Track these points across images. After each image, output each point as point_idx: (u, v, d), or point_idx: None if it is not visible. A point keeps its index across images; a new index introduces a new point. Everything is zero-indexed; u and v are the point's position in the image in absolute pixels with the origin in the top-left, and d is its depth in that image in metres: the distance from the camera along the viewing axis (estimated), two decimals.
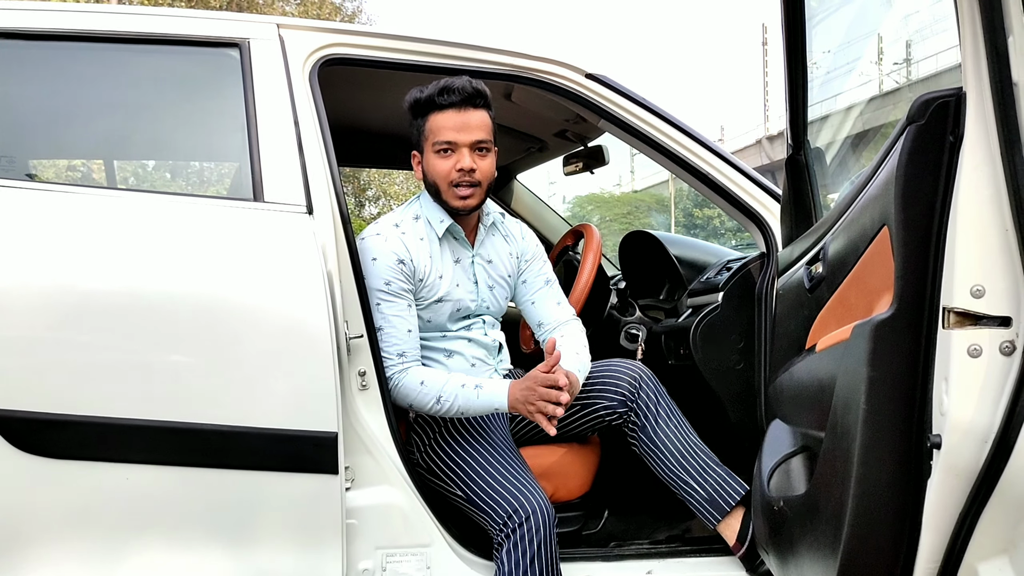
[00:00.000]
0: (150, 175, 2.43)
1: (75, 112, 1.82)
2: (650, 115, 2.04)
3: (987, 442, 1.11)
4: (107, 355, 1.54)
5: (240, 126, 1.75)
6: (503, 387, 1.75)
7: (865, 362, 1.20)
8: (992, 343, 1.10)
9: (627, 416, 1.93)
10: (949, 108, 1.14)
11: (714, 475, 1.88)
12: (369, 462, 1.74)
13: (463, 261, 1.92)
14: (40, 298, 1.52)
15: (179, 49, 1.80)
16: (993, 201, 1.09)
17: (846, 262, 1.40)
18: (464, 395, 1.76)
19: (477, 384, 1.77)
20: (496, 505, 1.71)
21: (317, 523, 1.63)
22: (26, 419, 1.50)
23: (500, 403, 1.74)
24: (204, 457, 1.58)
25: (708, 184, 2.07)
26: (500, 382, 1.77)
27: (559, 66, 2.01)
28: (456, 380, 1.78)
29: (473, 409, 1.77)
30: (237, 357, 1.59)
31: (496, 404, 1.75)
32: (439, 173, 1.82)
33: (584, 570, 1.87)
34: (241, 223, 1.67)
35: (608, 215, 29.27)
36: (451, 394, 1.76)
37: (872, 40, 2.39)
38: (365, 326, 1.74)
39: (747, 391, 2.08)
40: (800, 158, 1.86)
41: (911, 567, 1.23)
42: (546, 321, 2.03)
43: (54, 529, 1.54)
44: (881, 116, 2.13)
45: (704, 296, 2.20)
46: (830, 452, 1.34)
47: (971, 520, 1.15)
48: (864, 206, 1.33)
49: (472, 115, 1.80)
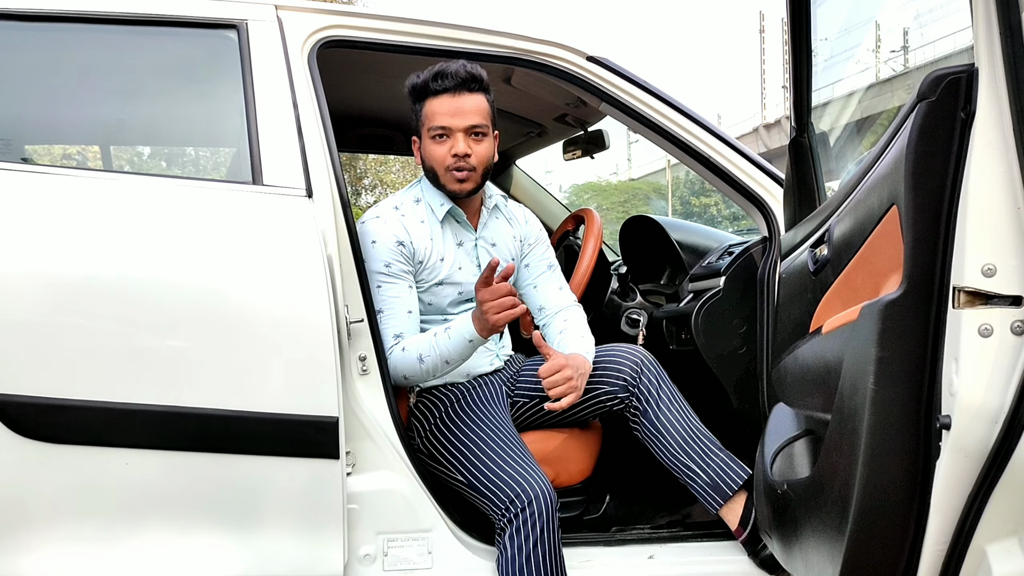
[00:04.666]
0: (147, 159, 2.40)
1: (69, 95, 1.80)
2: (652, 98, 2.02)
3: (997, 422, 1.10)
4: (106, 339, 1.52)
5: (239, 108, 1.73)
6: (466, 319, 1.74)
7: (874, 343, 1.19)
8: (1003, 323, 1.09)
9: (629, 401, 1.92)
10: (961, 84, 1.12)
11: (716, 460, 1.88)
12: (370, 447, 1.73)
13: (466, 244, 1.91)
14: (39, 282, 1.50)
15: (176, 31, 1.77)
16: (1005, 179, 1.08)
17: (852, 243, 1.39)
18: (438, 343, 1.75)
19: (446, 328, 1.76)
20: (498, 490, 1.70)
21: (318, 508, 1.62)
22: (25, 404, 1.48)
23: (469, 331, 1.73)
24: (204, 442, 1.57)
25: (710, 167, 2.05)
26: (463, 316, 1.76)
27: (560, 48, 1.99)
28: (427, 335, 1.78)
29: (453, 352, 1.75)
30: (236, 341, 1.57)
31: (467, 335, 1.73)
32: (435, 158, 1.81)
33: (586, 555, 1.86)
34: (240, 206, 1.65)
35: (605, 203, 29.28)
36: (428, 348, 1.75)
37: (882, 22, 2.37)
38: (365, 310, 1.73)
39: (749, 376, 2.07)
40: (804, 140, 1.84)
41: (919, 549, 1.22)
42: (548, 306, 2.02)
43: (54, 514, 1.53)
44: (882, 103, 2.12)
45: (706, 281, 2.19)
46: (836, 434, 1.33)
47: (980, 501, 1.14)
48: (872, 186, 1.31)
49: (467, 100, 1.79)
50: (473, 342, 1.74)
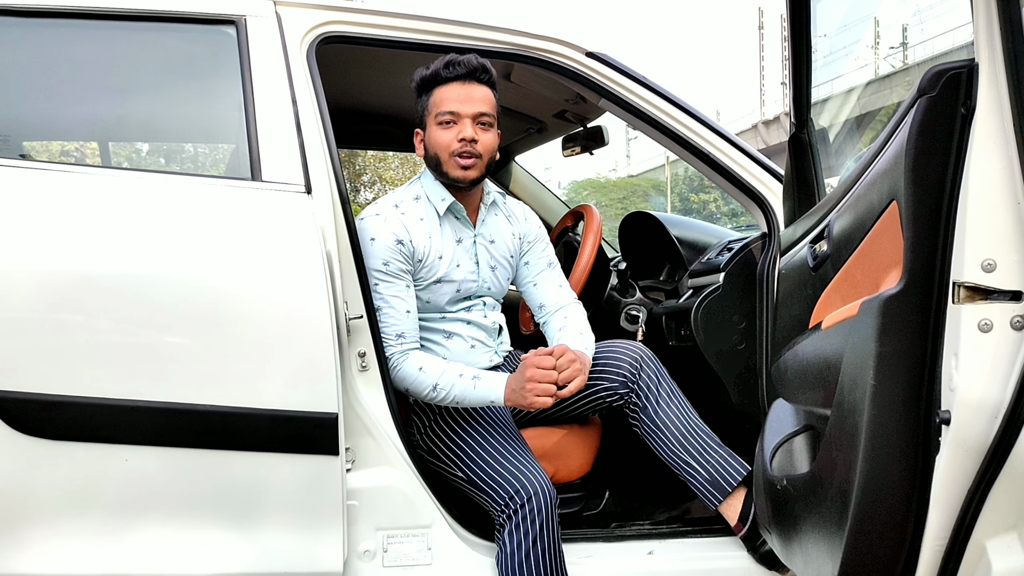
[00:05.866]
0: (146, 156, 2.40)
1: (68, 92, 1.79)
2: (652, 94, 2.01)
3: (997, 417, 1.10)
4: (105, 336, 1.52)
5: (237, 104, 1.72)
6: (500, 381, 1.74)
7: (873, 338, 1.19)
8: (1003, 318, 1.09)
9: (628, 397, 1.92)
10: (961, 79, 1.12)
11: (715, 456, 1.88)
12: (369, 443, 1.73)
13: (464, 241, 1.91)
14: (39, 279, 1.50)
15: (174, 26, 1.77)
16: (1005, 174, 1.08)
17: (852, 239, 1.39)
18: (461, 385, 1.74)
19: (475, 375, 1.76)
20: (497, 486, 1.70)
21: (318, 504, 1.62)
22: (25, 400, 1.48)
23: (496, 397, 1.74)
24: (203, 438, 1.57)
25: (709, 164, 2.05)
26: (498, 376, 1.75)
27: (560, 44, 1.99)
28: (454, 369, 1.77)
29: (469, 400, 1.76)
30: (236, 338, 1.57)
31: (492, 398, 1.74)
32: (440, 143, 1.81)
33: (585, 551, 1.86)
34: (239, 203, 1.65)
35: (604, 200, 29.26)
36: (448, 383, 1.75)
37: (881, 18, 2.38)
38: (365, 307, 1.73)
39: (748, 372, 2.07)
40: (803, 136, 1.84)
41: (918, 544, 1.22)
42: (547, 303, 2.02)
43: (54, 510, 1.53)
44: (881, 100, 2.12)
45: (705, 277, 2.19)
46: (836, 429, 1.33)
47: (980, 496, 1.14)
48: (872, 182, 1.31)
49: (476, 89, 1.80)
50: (494, 402, 1.75)
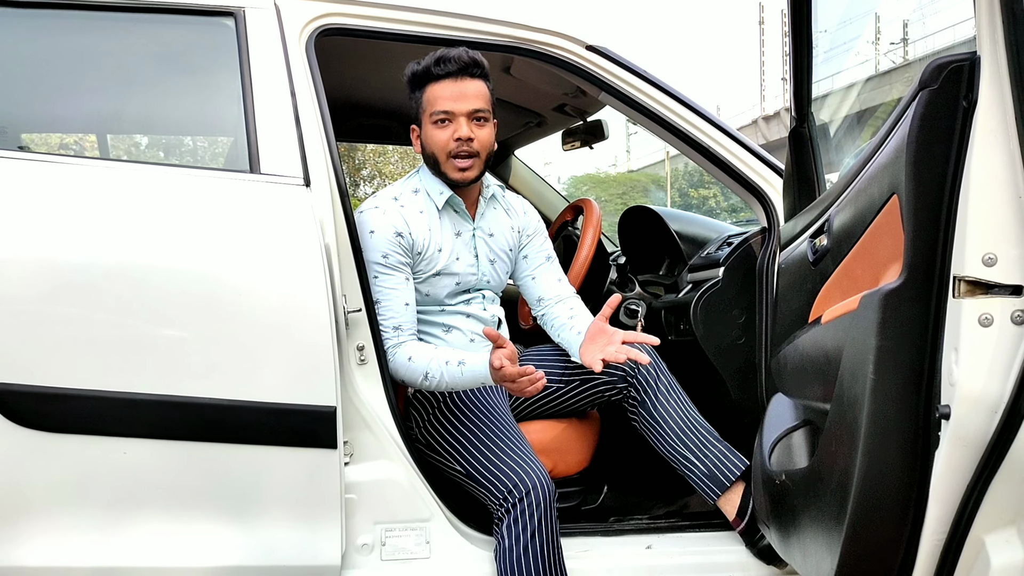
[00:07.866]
0: (144, 148, 2.39)
1: (66, 84, 1.79)
2: (652, 88, 2.01)
3: (997, 412, 1.10)
4: (103, 329, 1.52)
5: (236, 97, 1.72)
6: (484, 362, 1.71)
7: (873, 332, 1.18)
8: (1004, 312, 1.09)
9: (627, 391, 1.92)
10: (963, 72, 1.11)
11: (714, 450, 1.88)
12: (368, 437, 1.73)
13: (464, 234, 1.90)
14: (37, 270, 1.49)
15: (172, 18, 1.76)
16: (1006, 167, 1.07)
17: (852, 233, 1.38)
18: (449, 372, 1.73)
19: (460, 360, 1.74)
20: (496, 480, 1.70)
21: (316, 498, 1.62)
22: (23, 393, 1.48)
23: (484, 377, 1.71)
24: (202, 431, 1.56)
25: (709, 158, 2.04)
26: (481, 357, 1.72)
27: (559, 37, 1.98)
28: (441, 356, 1.75)
29: (462, 384, 1.75)
30: (234, 330, 1.57)
31: (481, 379, 1.72)
32: (437, 144, 1.80)
33: (584, 545, 1.86)
34: (238, 195, 1.64)
35: (604, 195, 29.24)
36: (437, 371, 1.74)
37: (882, 14, 2.37)
38: (363, 300, 1.72)
39: (748, 367, 2.07)
40: (804, 130, 1.83)
41: (917, 539, 1.22)
42: (546, 296, 2.02)
43: (52, 503, 1.52)
44: (881, 95, 2.11)
45: (705, 271, 2.18)
46: (836, 424, 1.33)
47: (979, 491, 1.14)
48: (872, 175, 1.30)
49: (469, 84, 1.78)
50: (486, 382, 1.73)
